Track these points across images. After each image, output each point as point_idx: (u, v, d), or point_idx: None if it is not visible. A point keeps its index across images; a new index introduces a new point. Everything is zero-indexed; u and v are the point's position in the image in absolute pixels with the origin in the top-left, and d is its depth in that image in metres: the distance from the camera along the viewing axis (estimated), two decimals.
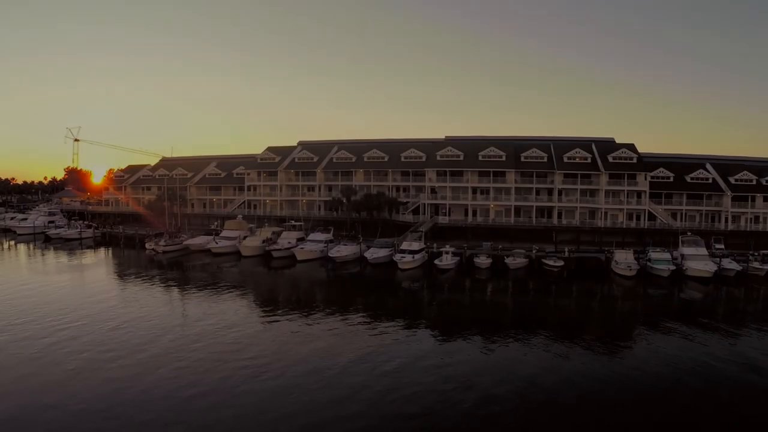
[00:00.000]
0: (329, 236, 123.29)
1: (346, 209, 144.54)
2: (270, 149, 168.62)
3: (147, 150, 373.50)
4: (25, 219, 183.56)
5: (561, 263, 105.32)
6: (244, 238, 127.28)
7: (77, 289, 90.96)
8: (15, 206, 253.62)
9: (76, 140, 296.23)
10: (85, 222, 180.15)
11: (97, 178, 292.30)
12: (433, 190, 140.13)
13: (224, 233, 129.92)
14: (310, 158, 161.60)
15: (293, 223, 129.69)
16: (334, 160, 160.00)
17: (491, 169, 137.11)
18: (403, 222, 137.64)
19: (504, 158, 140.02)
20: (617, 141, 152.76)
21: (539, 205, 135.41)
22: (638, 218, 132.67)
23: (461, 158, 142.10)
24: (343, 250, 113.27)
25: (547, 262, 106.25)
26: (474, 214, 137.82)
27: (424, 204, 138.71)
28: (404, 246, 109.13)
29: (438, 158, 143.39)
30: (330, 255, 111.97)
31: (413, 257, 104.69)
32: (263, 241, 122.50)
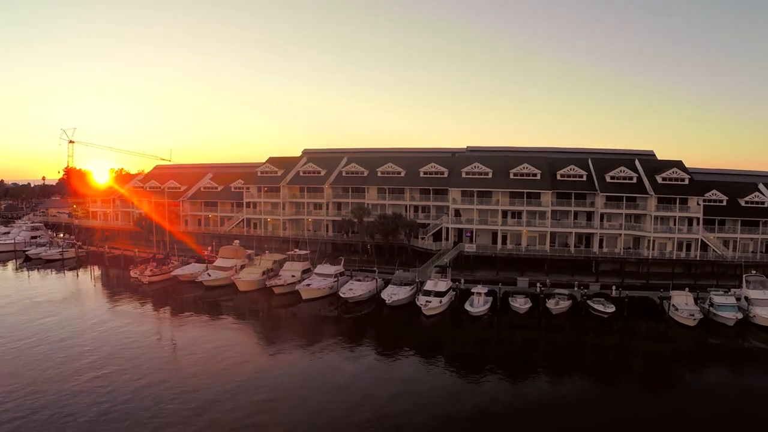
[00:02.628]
0: (339, 268, 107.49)
1: (357, 230, 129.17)
2: (272, 161, 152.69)
3: (144, 152, 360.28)
4: (7, 233, 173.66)
5: (611, 308, 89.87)
6: (241, 267, 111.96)
7: (33, 342, 75.73)
8: (1, 215, 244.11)
9: (71, 142, 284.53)
10: (71, 236, 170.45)
11: (96, 179, 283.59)
12: (457, 212, 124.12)
13: (219, 262, 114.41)
14: (316, 172, 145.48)
15: (297, 252, 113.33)
16: (344, 174, 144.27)
17: (525, 190, 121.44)
18: (423, 249, 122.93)
19: (539, 177, 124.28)
20: (656, 151, 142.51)
21: (578, 231, 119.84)
22: (689, 248, 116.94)
23: (489, 176, 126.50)
24: (357, 289, 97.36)
25: (595, 306, 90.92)
26: (504, 240, 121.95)
27: (447, 228, 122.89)
28: (429, 286, 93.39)
29: (463, 175, 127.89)
30: (341, 294, 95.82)
31: (440, 301, 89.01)
32: (263, 273, 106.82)
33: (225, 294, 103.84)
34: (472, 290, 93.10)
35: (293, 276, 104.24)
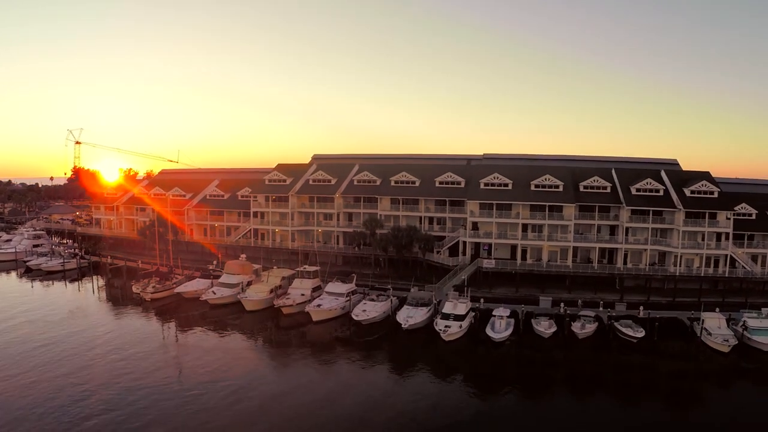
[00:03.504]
0: (351, 286, 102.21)
1: (369, 242, 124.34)
2: (280, 168, 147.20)
3: (152, 153, 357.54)
4: (9, 240, 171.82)
5: (641, 333, 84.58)
6: (248, 284, 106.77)
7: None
8: (4, 220, 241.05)
9: (77, 143, 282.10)
10: (74, 244, 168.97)
11: (105, 178, 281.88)
12: (474, 226, 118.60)
13: (224, 278, 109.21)
14: (326, 180, 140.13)
15: (307, 268, 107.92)
16: (355, 183, 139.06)
17: (547, 203, 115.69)
18: (438, 263, 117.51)
19: (561, 188, 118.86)
20: (677, 157, 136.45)
21: (602, 245, 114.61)
22: (716, 264, 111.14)
23: (509, 187, 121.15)
24: (370, 310, 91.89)
25: (623, 330, 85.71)
26: (524, 255, 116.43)
27: (464, 242, 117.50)
28: (447, 308, 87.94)
29: (481, 186, 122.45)
30: (354, 317, 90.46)
31: (460, 326, 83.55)
32: (271, 291, 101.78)
33: (231, 313, 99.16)
34: (494, 313, 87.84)
35: (303, 294, 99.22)
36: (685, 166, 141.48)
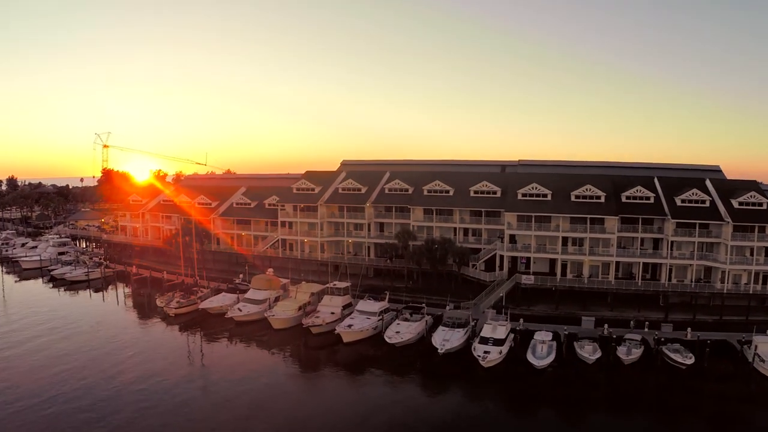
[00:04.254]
0: (384, 304, 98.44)
1: (401, 254, 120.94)
2: (308, 176, 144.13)
3: (180, 156, 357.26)
4: (35, 248, 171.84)
5: (690, 359, 79.60)
6: (275, 299, 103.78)
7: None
8: (32, 225, 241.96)
9: (105, 146, 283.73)
10: (101, 249, 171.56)
11: (134, 180, 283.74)
12: (512, 238, 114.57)
13: (250, 293, 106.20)
14: (356, 189, 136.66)
15: (337, 285, 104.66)
16: (387, 191, 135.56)
17: (588, 215, 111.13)
18: (474, 278, 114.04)
19: (603, 199, 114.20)
20: (721, 164, 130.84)
21: (646, 260, 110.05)
22: (765, 281, 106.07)
23: (548, 198, 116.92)
24: (403, 331, 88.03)
25: (671, 355, 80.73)
26: (563, 270, 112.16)
27: (501, 256, 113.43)
28: (486, 331, 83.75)
29: (519, 197, 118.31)
30: (387, 339, 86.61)
31: (500, 351, 79.32)
32: (299, 308, 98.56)
33: (257, 331, 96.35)
34: (535, 336, 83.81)
35: (332, 313, 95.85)
36: (726, 170, 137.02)
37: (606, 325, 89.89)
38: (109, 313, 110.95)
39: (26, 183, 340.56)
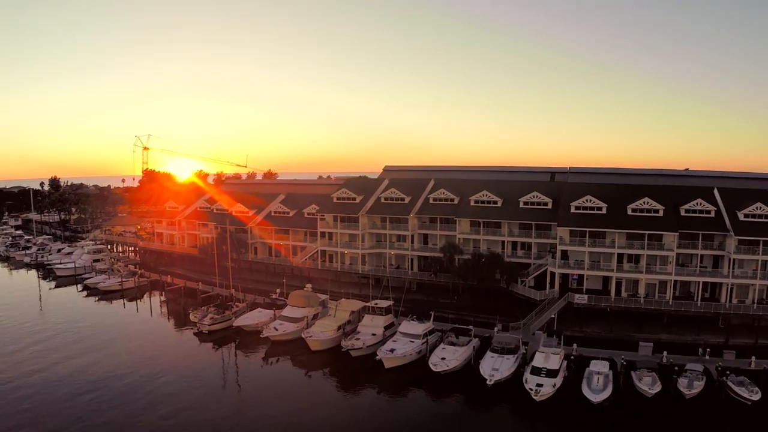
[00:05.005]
0: (429, 325, 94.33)
1: (447, 268, 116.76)
2: (349, 185, 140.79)
3: (220, 158, 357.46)
4: (70, 254, 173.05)
5: (757, 395, 73.98)
6: (314, 317, 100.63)
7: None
8: (69, 229, 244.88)
9: (145, 148, 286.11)
10: (136, 257, 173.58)
11: (176, 180, 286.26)
12: (564, 254, 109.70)
13: (287, 311, 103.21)
14: (399, 199, 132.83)
15: (379, 304, 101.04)
16: (431, 201, 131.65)
17: (646, 231, 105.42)
18: (523, 296, 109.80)
19: (661, 213, 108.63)
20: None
21: (706, 279, 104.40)
22: None
23: (603, 211, 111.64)
24: (449, 357, 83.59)
25: (736, 389, 75.31)
26: (618, 289, 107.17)
27: (552, 273, 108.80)
28: (538, 360, 79.02)
29: (572, 209, 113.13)
30: (431, 366, 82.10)
31: (553, 384, 74.70)
32: (338, 328, 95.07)
33: (294, 350, 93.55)
34: (591, 366, 79.02)
35: (373, 335, 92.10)
36: None
37: (665, 353, 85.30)
38: (141, 329, 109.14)
39: (68, 183, 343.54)
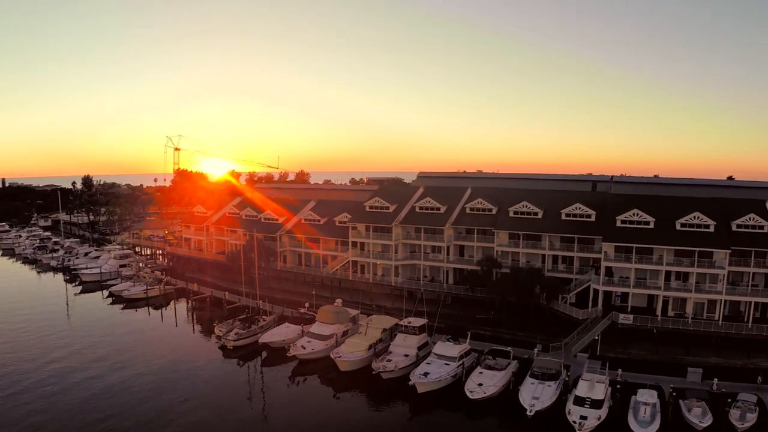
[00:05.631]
0: (465, 346, 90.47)
1: (483, 277, 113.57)
2: (382, 192, 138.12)
3: (252, 159, 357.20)
4: (97, 258, 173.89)
5: None
6: (344, 334, 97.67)
7: None
8: (99, 231, 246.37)
9: (176, 149, 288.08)
10: (160, 264, 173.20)
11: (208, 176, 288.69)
12: (608, 271, 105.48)
13: (316, 327, 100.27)
14: (435, 208, 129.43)
15: (412, 322, 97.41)
16: (468, 211, 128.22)
17: (696, 248, 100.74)
18: (564, 314, 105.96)
19: (711, 228, 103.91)
20: None
21: (758, 300, 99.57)
22: None
23: (651, 225, 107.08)
24: (486, 383, 79.83)
25: None
26: (664, 308, 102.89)
27: (596, 290, 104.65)
28: (582, 389, 74.80)
29: (618, 224, 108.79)
30: (467, 392, 78.39)
31: (598, 417, 70.69)
32: (369, 347, 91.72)
33: (322, 369, 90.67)
34: (638, 397, 74.78)
35: (406, 356, 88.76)
36: None
37: (716, 380, 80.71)
38: (164, 343, 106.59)
39: (101, 182, 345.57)
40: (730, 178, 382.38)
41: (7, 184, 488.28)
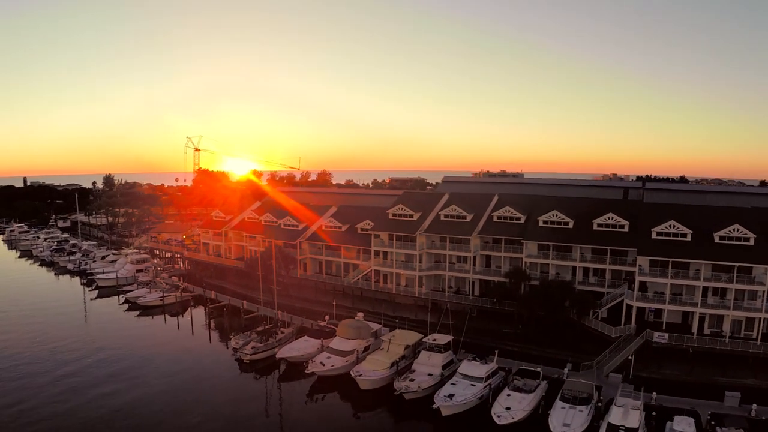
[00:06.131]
0: (492, 366, 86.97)
1: (511, 290, 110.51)
2: (406, 199, 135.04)
3: (273, 160, 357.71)
4: (114, 262, 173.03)
5: None
6: (365, 350, 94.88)
7: None
8: (117, 233, 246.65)
9: (196, 150, 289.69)
10: (177, 269, 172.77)
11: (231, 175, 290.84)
12: (642, 286, 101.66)
13: (336, 342, 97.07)
14: (461, 217, 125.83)
15: (437, 339, 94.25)
16: (495, 219, 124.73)
17: (735, 264, 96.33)
18: (596, 331, 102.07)
19: (752, 242, 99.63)
20: None
21: None
22: None
23: (688, 237, 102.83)
24: (515, 408, 76.15)
25: None
26: (701, 326, 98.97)
27: (629, 306, 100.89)
28: (615, 416, 70.97)
29: (653, 236, 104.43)
30: (494, 417, 75.05)
31: None
32: (392, 364, 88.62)
33: (342, 387, 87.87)
34: (674, 425, 71.10)
35: (430, 375, 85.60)
36: None
37: (754, 406, 76.75)
38: (179, 356, 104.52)
39: (123, 181, 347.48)
40: (763, 183, 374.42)
41: (28, 183, 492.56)
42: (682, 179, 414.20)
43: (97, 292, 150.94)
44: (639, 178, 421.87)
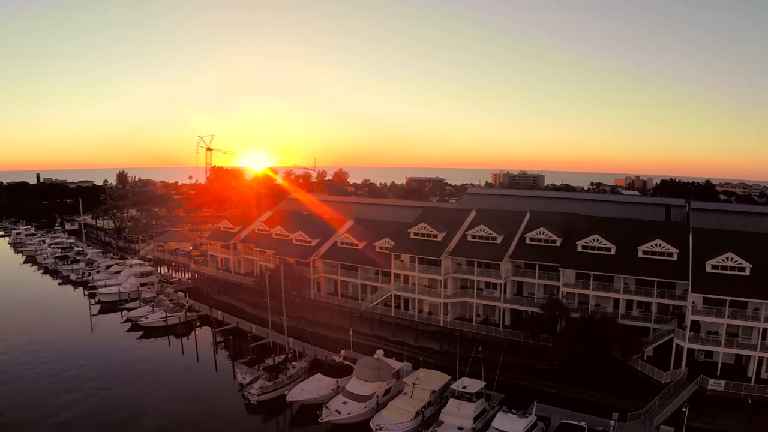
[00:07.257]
0: (531, 420, 77.23)
1: (547, 323, 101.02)
2: (428, 217, 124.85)
3: (287, 161, 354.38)
4: (118, 274, 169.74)
5: None
6: (385, 393, 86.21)
7: None
8: (126, 239, 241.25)
9: (208, 149, 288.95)
10: (183, 282, 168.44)
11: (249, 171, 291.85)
12: (695, 326, 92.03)
13: (353, 385, 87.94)
14: (491, 238, 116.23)
15: (467, 386, 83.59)
16: (528, 242, 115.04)
17: None
18: (642, 373, 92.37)
19: None
20: None
21: None
22: None
23: (747, 272, 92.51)
24: None
25: None
26: (758, 370, 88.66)
27: (679, 347, 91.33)
28: None
29: (708, 269, 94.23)
30: None
31: None
32: (416, 413, 79.61)
33: None
34: None
35: (461, 429, 76.33)
36: None
37: None
38: (181, 392, 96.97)
39: (136, 178, 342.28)
40: None
41: (41, 180, 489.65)
42: (708, 184, 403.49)
43: (98, 307, 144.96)
44: (663, 182, 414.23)
